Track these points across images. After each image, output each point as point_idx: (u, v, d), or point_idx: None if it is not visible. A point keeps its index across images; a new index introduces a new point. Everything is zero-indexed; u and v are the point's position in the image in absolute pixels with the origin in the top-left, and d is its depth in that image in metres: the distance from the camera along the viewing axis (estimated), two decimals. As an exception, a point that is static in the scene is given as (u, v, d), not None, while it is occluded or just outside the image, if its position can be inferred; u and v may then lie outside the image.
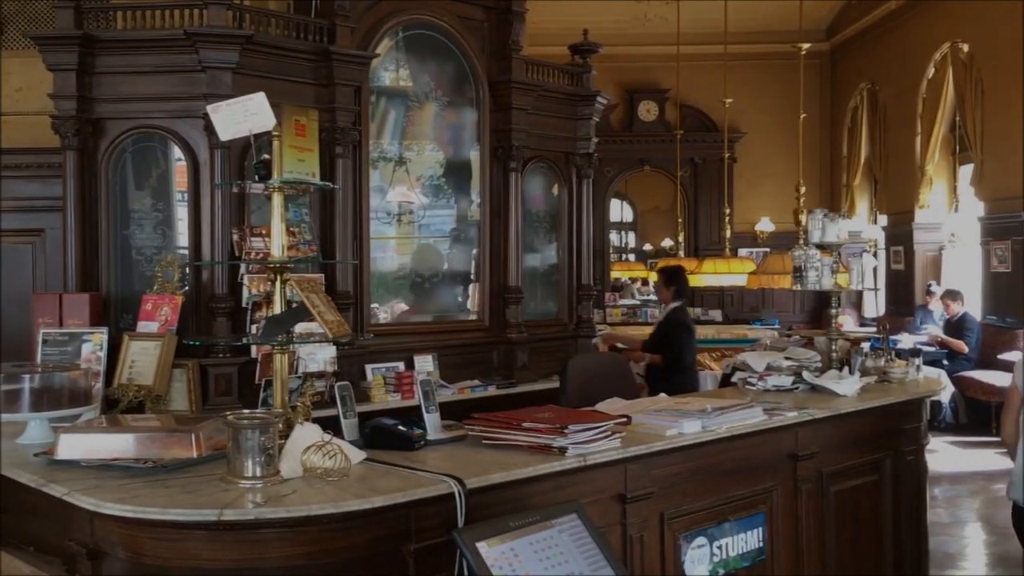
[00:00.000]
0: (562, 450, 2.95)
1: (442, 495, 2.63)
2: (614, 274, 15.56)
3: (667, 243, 15.98)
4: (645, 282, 16.38)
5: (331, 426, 2.97)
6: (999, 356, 9.14)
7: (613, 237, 17.27)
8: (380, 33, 4.93)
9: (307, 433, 2.78)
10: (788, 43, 10.18)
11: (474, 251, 5.56)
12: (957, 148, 11.33)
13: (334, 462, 2.67)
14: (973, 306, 10.20)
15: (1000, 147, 9.72)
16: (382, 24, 4.94)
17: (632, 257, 17.86)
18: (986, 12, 9.98)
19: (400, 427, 3.14)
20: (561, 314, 5.92)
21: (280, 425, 2.83)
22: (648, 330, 11.95)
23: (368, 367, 4.80)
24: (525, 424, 3.06)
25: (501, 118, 5.42)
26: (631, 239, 18.52)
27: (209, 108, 3.06)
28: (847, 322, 13.26)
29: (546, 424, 3.03)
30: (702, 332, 11.20)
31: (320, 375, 4.07)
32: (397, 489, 2.59)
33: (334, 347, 4.04)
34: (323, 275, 4.52)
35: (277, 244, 2.95)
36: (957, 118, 10.88)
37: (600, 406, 3.71)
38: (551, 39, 9.05)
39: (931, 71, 11.37)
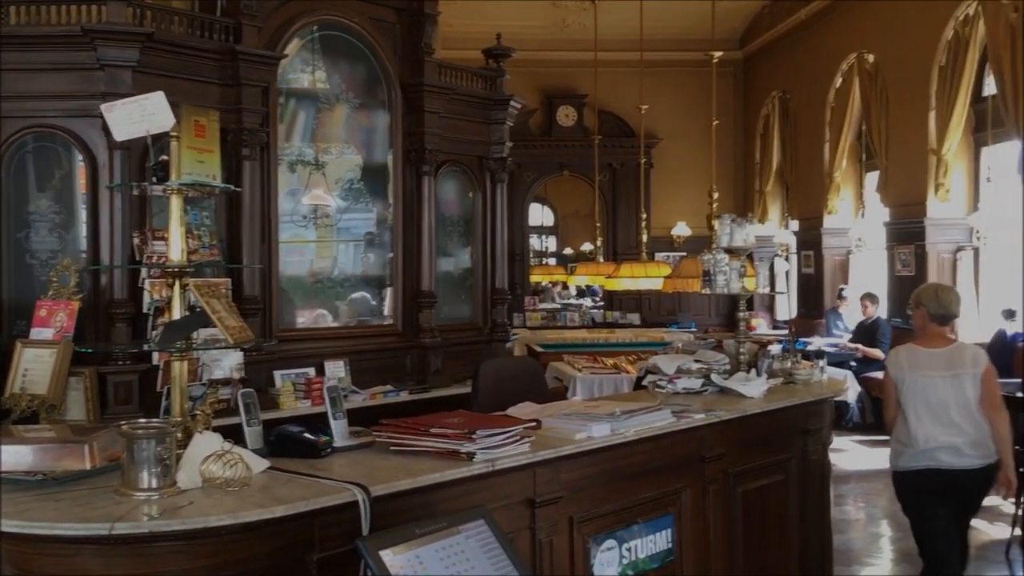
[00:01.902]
0: (470, 455, 2.94)
1: (347, 503, 2.59)
2: (534, 278, 15.62)
3: (587, 247, 16.12)
4: (565, 286, 16.51)
5: (236, 434, 2.91)
6: (903, 357, 9.43)
7: (534, 241, 17.34)
8: (289, 33, 4.86)
9: (207, 442, 2.71)
10: (701, 51, 10.36)
11: (389, 255, 5.51)
12: (863, 155, 11.68)
13: (234, 471, 2.61)
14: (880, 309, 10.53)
15: (903, 155, 10.06)
16: (291, 24, 4.87)
17: (553, 261, 17.96)
18: (890, 24, 10.33)
19: (306, 434, 3.08)
20: (475, 318, 5.91)
21: (179, 434, 2.76)
22: (568, 333, 12.15)
23: (277, 373, 4.71)
24: (433, 430, 3.04)
25: (414, 121, 5.39)
26: (552, 243, 18.63)
27: (104, 107, 2.97)
28: (760, 325, 13.58)
29: (454, 429, 3.01)
30: (621, 335, 11.37)
31: (226, 382, 3.98)
32: (300, 498, 2.54)
33: (240, 353, 3.96)
34: (230, 280, 4.41)
35: (176, 247, 2.87)
36: (863, 126, 11.23)
37: (512, 410, 3.71)
38: (471, 43, 9.04)
39: (839, 81, 11.71)
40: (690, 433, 3.73)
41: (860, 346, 9.99)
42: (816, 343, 10.37)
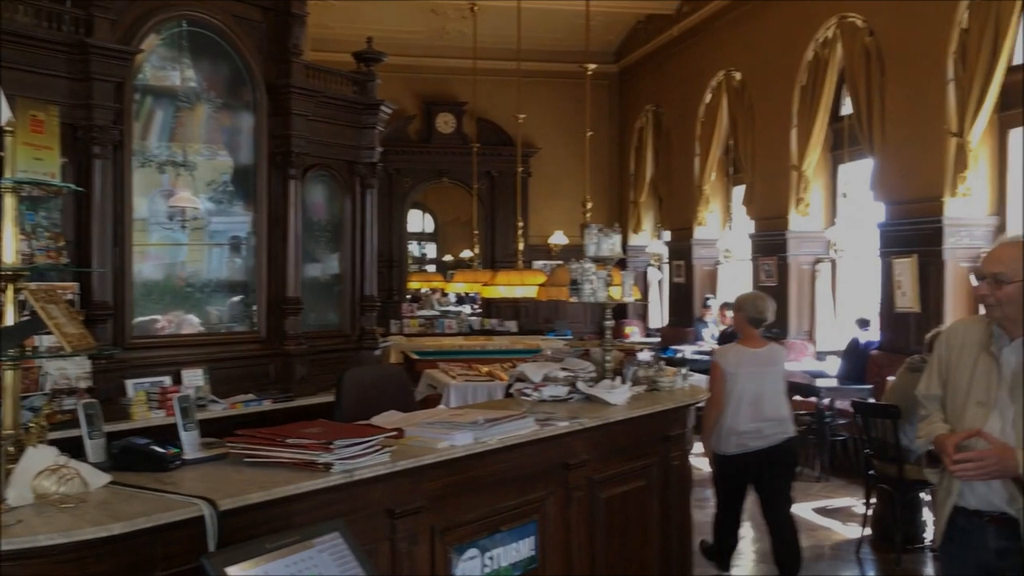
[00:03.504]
0: (327, 466, 2.86)
1: (193, 518, 2.49)
2: (412, 285, 15.52)
3: (467, 254, 16.14)
4: (444, 293, 16.46)
5: (79, 447, 2.75)
6: (766, 364, 9.79)
7: (413, 248, 17.24)
8: (145, 27, 4.65)
9: (40, 456, 2.55)
10: (578, 63, 10.52)
11: (254, 260, 5.35)
12: (731, 169, 12.10)
13: (70, 487, 2.47)
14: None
15: (768, 170, 10.47)
16: (148, 18, 4.66)
17: (433, 267, 17.90)
18: (756, 44, 10.75)
19: (153, 446, 2.94)
20: (343, 325, 5.80)
21: (10, 448, 2.59)
22: (445, 341, 12.12)
23: (129, 382, 4.49)
24: (290, 440, 2.95)
25: (280, 123, 5.25)
26: (431, 250, 18.56)
27: (-71, 99, 2.75)
28: (634, 333, 13.88)
29: (312, 440, 2.93)
30: (497, 342, 11.40)
31: (71, 391, 3.77)
32: (140, 514, 2.42)
33: (87, 361, 3.76)
34: (77, 284, 4.19)
35: (8, 249, 2.70)
36: (731, 142, 11.63)
37: (376, 419, 3.65)
38: (349, 46, 8.92)
39: (708, 97, 12.08)
40: (554, 441, 3.74)
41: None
42: (686, 351, 10.65)
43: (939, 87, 7.60)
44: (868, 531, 6.13)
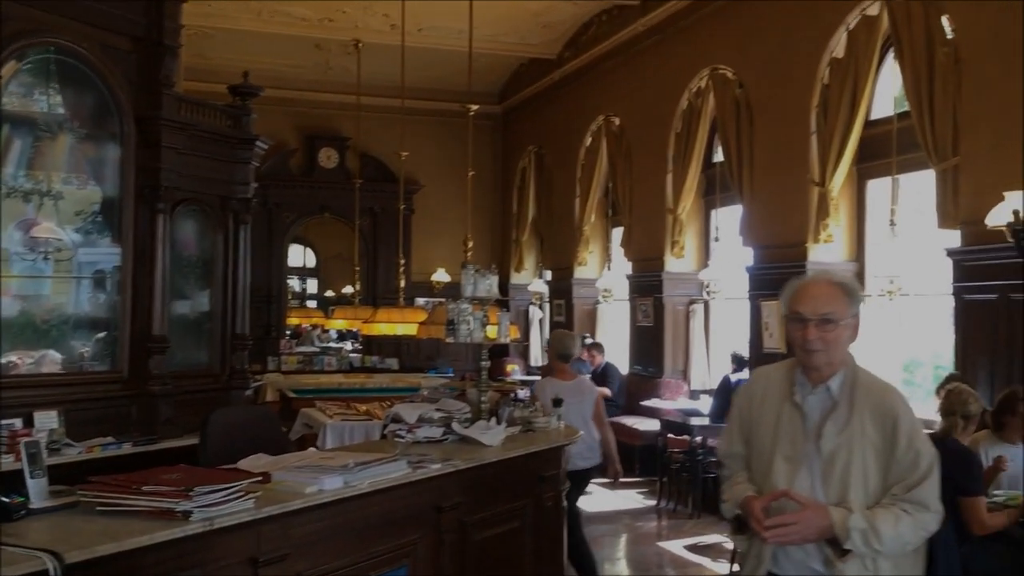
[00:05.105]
0: (186, 514, 2.76)
1: (36, 573, 2.35)
2: (291, 320, 15.19)
3: (349, 290, 15.92)
4: (325, 329, 16.17)
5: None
6: (642, 402, 10.01)
7: (294, 283, 16.91)
8: (4, 53, 4.44)
9: None
10: (461, 103, 10.61)
11: (117, 296, 5.14)
12: (610, 211, 12.38)
13: None
14: (623, 357, 11.13)
15: (644, 213, 10.75)
16: (7, 44, 4.45)
17: (314, 303, 17.58)
18: (634, 91, 11.07)
19: (-4, 495, 2.78)
20: (213, 364, 5.63)
21: None
22: (324, 378, 11.88)
23: (-25, 426, 4.23)
24: (146, 487, 2.83)
25: (149, 156, 5.08)
26: (313, 285, 18.24)
27: None
28: (516, 371, 13.94)
29: (170, 486, 2.82)
30: (378, 380, 11.25)
31: (-92, 437, 3.52)
32: (-23, 569, 2.28)
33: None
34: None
35: None
36: (610, 184, 11.91)
37: (243, 463, 3.54)
38: (229, 78, 8.75)
39: (588, 140, 12.35)
40: (426, 483, 3.71)
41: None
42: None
43: (803, 139, 7.99)
44: (737, 567, 6.28)
